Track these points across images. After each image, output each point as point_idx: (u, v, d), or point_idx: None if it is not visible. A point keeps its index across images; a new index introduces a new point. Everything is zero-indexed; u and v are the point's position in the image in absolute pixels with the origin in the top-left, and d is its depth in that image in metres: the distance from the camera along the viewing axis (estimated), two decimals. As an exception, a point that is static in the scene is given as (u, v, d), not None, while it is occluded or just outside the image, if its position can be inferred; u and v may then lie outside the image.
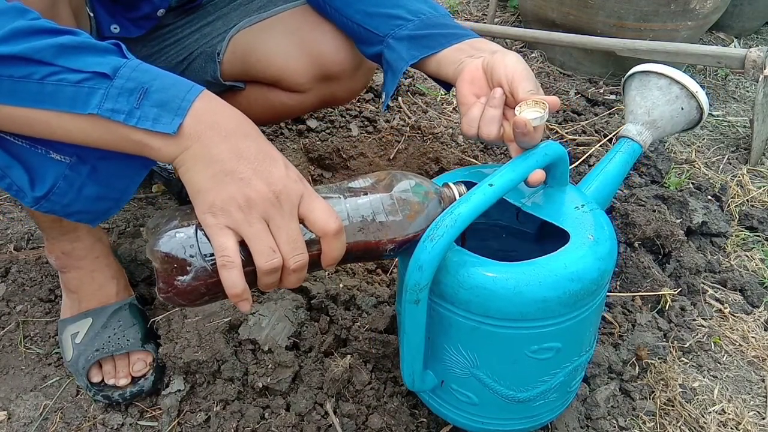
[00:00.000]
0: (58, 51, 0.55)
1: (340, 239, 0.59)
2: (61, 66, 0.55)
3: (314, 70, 1.00)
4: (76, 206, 0.66)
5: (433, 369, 0.74)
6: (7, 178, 0.63)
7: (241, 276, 0.56)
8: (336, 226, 0.58)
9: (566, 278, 0.65)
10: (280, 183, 0.56)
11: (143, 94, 0.55)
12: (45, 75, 0.55)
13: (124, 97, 0.55)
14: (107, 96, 0.55)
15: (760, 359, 1.04)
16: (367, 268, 1.18)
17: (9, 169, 0.63)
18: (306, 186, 0.59)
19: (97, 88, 0.55)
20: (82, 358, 0.91)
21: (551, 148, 0.68)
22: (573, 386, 0.79)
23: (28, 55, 0.54)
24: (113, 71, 0.55)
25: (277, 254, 0.56)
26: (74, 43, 0.55)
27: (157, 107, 0.56)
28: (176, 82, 0.58)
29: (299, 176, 0.59)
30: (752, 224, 1.33)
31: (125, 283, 0.99)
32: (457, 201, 0.64)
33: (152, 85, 0.56)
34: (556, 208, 0.73)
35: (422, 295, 0.64)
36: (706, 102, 0.86)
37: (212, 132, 0.57)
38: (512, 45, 2.16)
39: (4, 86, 0.55)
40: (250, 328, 0.90)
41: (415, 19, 0.83)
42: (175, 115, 0.56)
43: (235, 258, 0.55)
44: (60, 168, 0.63)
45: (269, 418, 0.86)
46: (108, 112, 0.55)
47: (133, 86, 0.55)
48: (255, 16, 1.01)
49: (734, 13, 2.17)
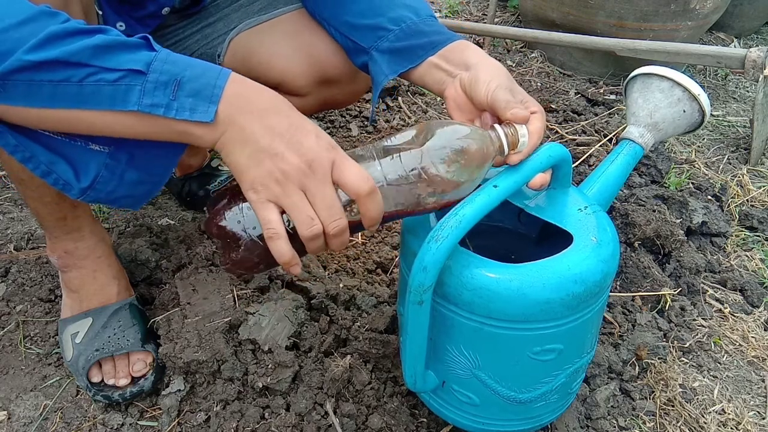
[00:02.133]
0: (93, 52, 0.56)
1: (374, 199, 0.60)
2: (98, 66, 0.56)
3: (315, 73, 1.00)
4: (120, 192, 0.69)
5: (434, 369, 0.74)
6: (53, 174, 0.66)
7: (287, 245, 0.60)
8: (368, 187, 0.59)
9: (570, 280, 0.65)
10: (311, 152, 0.59)
11: (177, 86, 0.58)
12: (83, 77, 0.57)
13: (160, 91, 0.58)
14: (144, 91, 0.57)
15: (760, 359, 1.04)
16: (368, 268, 1.18)
17: (53, 165, 0.65)
18: (338, 152, 0.60)
19: (134, 85, 0.57)
20: (82, 357, 0.91)
21: (555, 150, 0.68)
22: (574, 387, 0.79)
23: (66, 59, 0.56)
24: (146, 66, 0.57)
25: (316, 221, 0.59)
26: (107, 42, 0.57)
27: (192, 97, 0.58)
28: (206, 69, 0.59)
29: (330, 144, 0.61)
30: (752, 224, 1.33)
31: (126, 284, 0.99)
32: (462, 202, 0.64)
33: (184, 75, 0.58)
34: (559, 210, 0.73)
35: (426, 296, 0.64)
36: (708, 105, 0.86)
37: (244, 114, 0.59)
38: (512, 45, 2.16)
39: (45, 91, 0.57)
40: (250, 328, 0.90)
41: (396, 28, 0.82)
42: (210, 102, 0.58)
43: (279, 229, 0.59)
44: (100, 158, 0.66)
45: (269, 418, 0.86)
46: (148, 107, 0.58)
47: (167, 79, 0.58)
48: (255, 18, 1.01)
49: (734, 13, 2.17)
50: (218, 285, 0.96)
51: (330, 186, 0.60)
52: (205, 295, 0.94)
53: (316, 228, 0.60)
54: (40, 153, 0.65)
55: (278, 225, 0.59)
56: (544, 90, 1.91)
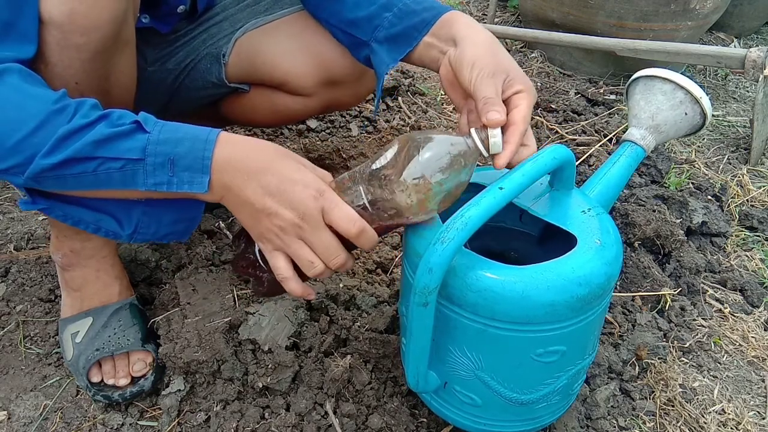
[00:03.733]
0: (95, 146, 0.63)
1: (365, 236, 0.66)
2: (103, 157, 0.64)
3: (319, 74, 1.00)
4: (162, 231, 0.77)
5: (436, 370, 0.74)
6: (102, 229, 0.75)
7: (297, 283, 0.70)
8: (356, 230, 0.65)
9: (574, 282, 0.65)
10: (302, 206, 0.65)
11: (172, 164, 0.65)
12: (95, 167, 0.64)
13: (160, 171, 0.65)
14: (146, 174, 0.65)
15: (760, 359, 1.04)
16: (368, 268, 1.18)
17: (100, 222, 0.75)
18: (326, 197, 0.66)
19: (137, 169, 0.65)
20: (83, 357, 0.91)
21: (559, 152, 0.68)
22: (575, 389, 0.79)
23: (75, 156, 0.63)
24: (142, 153, 0.64)
25: (317, 263, 0.68)
26: (105, 135, 0.63)
27: (187, 171, 0.65)
28: (194, 141, 0.65)
29: (318, 190, 0.66)
30: (752, 224, 1.33)
31: (127, 283, 0.99)
32: (467, 204, 0.64)
33: (176, 153, 0.64)
34: (563, 212, 0.73)
35: (431, 298, 0.64)
36: (710, 108, 0.86)
37: (237, 178, 0.66)
38: (512, 45, 2.16)
39: (70, 181, 0.66)
40: (250, 328, 0.90)
41: (389, 14, 0.83)
42: (203, 173, 0.65)
43: (287, 273, 0.69)
44: (138, 206, 0.73)
45: (269, 418, 0.86)
46: (153, 186, 0.66)
47: (162, 160, 0.64)
48: (261, 18, 1.01)
49: (734, 13, 2.17)
50: (218, 285, 0.96)
51: (323, 231, 0.66)
52: (205, 295, 0.94)
53: (318, 269, 0.68)
54: (86, 215, 0.74)
55: (286, 270, 0.69)
56: (544, 90, 1.91)
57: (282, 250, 0.68)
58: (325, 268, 0.68)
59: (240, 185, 0.66)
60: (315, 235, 0.66)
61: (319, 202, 0.65)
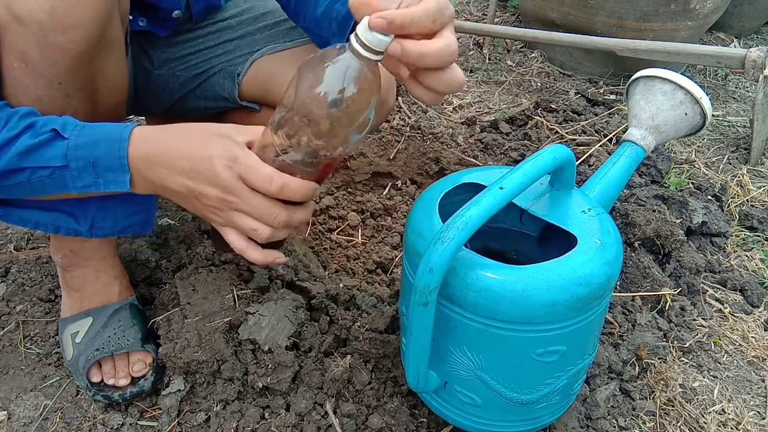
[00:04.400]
0: (20, 158, 0.65)
1: (289, 190, 0.65)
2: (31, 167, 0.66)
3: None
4: (120, 225, 0.79)
5: (436, 370, 0.74)
6: (61, 228, 0.77)
7: (256, 251, 0.69)
8: (275, 189, 0.64)
9: (574, 282, 0.65)
10: (220, 180, 0.64)
11: (94, 167, 0.66)
12: (28, 177, 0.67)
13: (85, 174, 0.67)
14: (74, 178, 0.67)
15: (760, 359, 1.04)
16: (367, 268, 1.18)
17: (57, 221, 0.77)
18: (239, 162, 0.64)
19: (65, 175, 0.67)
20: (82, 357, 0.91)
21: (559, 152, 0.68)
22: (575, 389, 0.79)
23: (6, 169, 0.66)
24: (65, 159, 0.66)
25: (260, 228, 0.66)
26: (27, 146, 0.65)
27: (109, 172, 0.67)
28: (109, 142, 0.66)
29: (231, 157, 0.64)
30: (752, 224, 1.33)
31: (127, 284, 0.99)
32: (468, 204, 0.64)
33: (95, 156, 0.66)
34: (563, 212, 0.73)
35: (431, 298, 0.64)
36: (710, 108, 0.86)
37: (155, 171, 0.67)
38: (512, 45, 2.16)
39: (13, 190, 0.69)
40: (250, 328, 0.90)
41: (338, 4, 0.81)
42: (123, 172, 0.67)
43: (240, 245, 0.69)
44: (93, 202, 0.75)
45: (269, 418, 0.85)
46: (82, 189, 0.68)
47: (84, 164, 0.66)
48: (279, 43, 1.00)
49: (734, 13, 2.17)
50: (218, 285, 0.96)
51: (251, 196, 0.65)
52: (205, 295, 0.94)
53: (264, 233, 0.67)
54: (42, 217, 0.77)
55: (238, 242, 0.69)
56: (544, 90, 1.91)
57: (227, 225, 0.69)
58: (273, 229, 0.67)
59: (161, 177, 0.67)
60: (246, 202, 0.65)
61: (234, 171, 0.64)
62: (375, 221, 1.35)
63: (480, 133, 1.59)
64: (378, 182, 1.48)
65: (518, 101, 1.85)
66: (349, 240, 1.30)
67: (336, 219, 1.36)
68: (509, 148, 1.50)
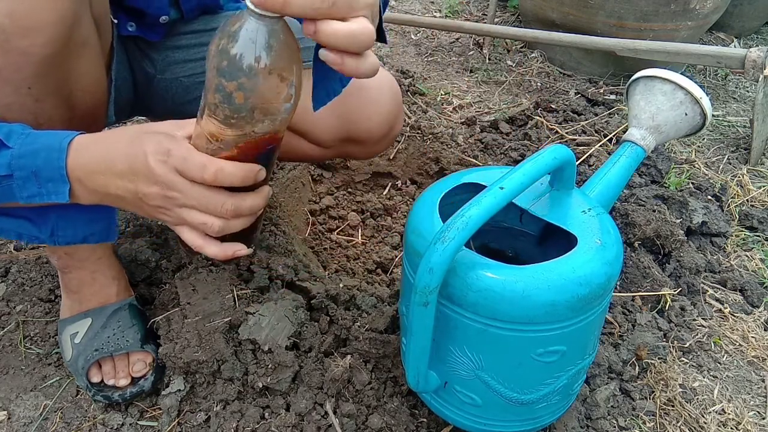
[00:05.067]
0: None
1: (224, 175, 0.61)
2: None
3: (342, 132, 1.00)
4: (82, 232, 0.78)
5: (436, 370, 0.74)
6: (24, 235, 0.77)
7: (213, 246, 0.66)
8: (210, 176, 0.61)
9: (574, 282, 0.65)
10: (157, 176, 0.62)
11: (36, 177, 0.65)
12: None
13: (29, 184, 0.65)
14: (19, 188, 0.66)
15: (760, 359, 1.04)
16: (367, 268, 1.18)
17: (20, 228, 0.76)
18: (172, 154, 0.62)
19: (11, 184, 0.66)
20: (82, 357, 0.91)
21: (559, 152, 0.68)
22: (575, 389, 0.79)
23: None
24: (9, 168, 0.65)
25: (209, 220, 0.63)
26: None
27: (50, 182, 0.65)
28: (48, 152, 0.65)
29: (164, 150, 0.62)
30: (752, 224, 1.33)
31: (125, 284, 0.99)
32: (468, 203, 0.64)
33: (35, 165, 0.64)
34: (563, 212, 0.73)
35: (431, 298, 0.64)
36: (710, 108, 0.86)
37: (97, 181, 0.65)
38: (512, 45, 2.16)
39: None
40: (250, 328, 0.90)
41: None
42: (62, 182, 0.65)
43: (196, 242, 0.66)
44: (53, 209, 0.74)
45: (269, 418, 0.85)
46: (28, 198, 0.66)
47: (27, 174, 0.65)
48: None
49: (734, 13, 2.17)
50: (218, 285, 0.96)
51: (192, 188, 0.62)
52: (205, 295, 0.94)
53: (215, 225, 0.64)
54: (5, 223, 0.76)
55: (194, 240, 0.66)
56: (544, 90, 1.91)
57: (179, 223, 0.66)
58: (224, 220, 0.64)
59: (103, 184, 0.65)
60: (188, 196, 0.62)
61: (169, 164, 0.62)
62: (375, 221, 1.35)
63: (480, 133, 1.59)
64: (378, 182, 1.48)
65: (518, 101, 1.85)
66: (349, 240, 1.30)
67: (336, 219, 1.36)
68: (509, 148, 1.50)
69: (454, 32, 2.23)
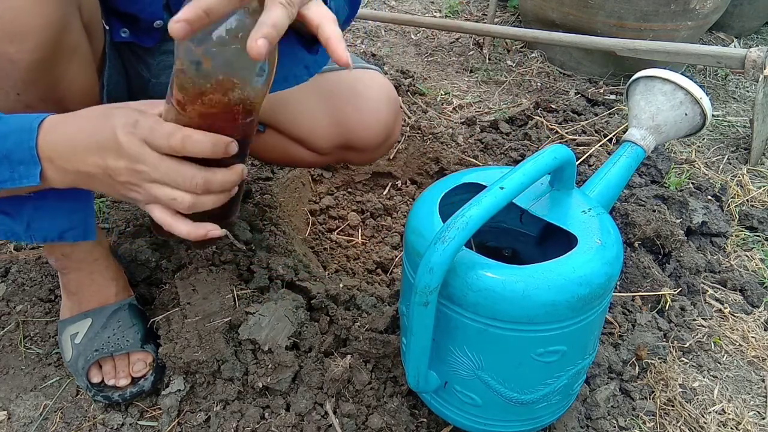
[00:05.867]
0: None
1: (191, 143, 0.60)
2: None
3: (339, 140, 1.00)
4: (60, 225, 0.76)
5: (436, 370, 0.74)
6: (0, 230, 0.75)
7: (184, 226, 0.64)
8: (177, 143, 0.59)
9: (574, 282, 0.65)
10: (125, 148, 0.60)
11: (8, 160, 0.63)
12: None
13: (1, 167, 0.63)
14: None
15: (760, 359, 1.04)
16: (368, 268, 1.18)
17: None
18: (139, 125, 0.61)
19: None
20: (82, 358, 0.91)
21: (559, 152, 0.68)
22: (575, 389, 0.79)
23: None
24: None
25: (179, 196, 0.61)
26: None
27: (22, 165, 0.63)
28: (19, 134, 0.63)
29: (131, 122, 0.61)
30: (752, 224, 1.33)
31: (125, 284, 0.99)
32: (468, 203, 0.64)
33: (7, 148, 0.63)
34: (563, 212, 0.73)
35: (432, 298, 0.64)
36: (710, 108, 0.87)
37: (70, 161, 0.63)
38: (512, 45, 2.16)
39: None
40: (250, 328, 0.90)
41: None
42: (33, 164, 0.63)
43: (166, 220, 0.64)
44: (29, 201, 0.72)
45: (269, 418, 0.85)
46: (2, 184, 0.64)
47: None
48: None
49: (734, 13, 2.17)
50: (218, 285, 0.96)
51: (161, 161, 0.60)
52: (205, 295, 0.94)
53: (186, 201, 0.62)
54: None
55: (164, 218, 0.64)
56: (544, 90, 1.91)
57: (150, 201, 0.64)
58: (194, 195, 0.62)
59: (75, 164, 0.63)
60: (156, 169, 0.60)
61: (136, 135, 0.60)
62: (375, 221, 1.35)
63: (480, 133, 1.59)
64: (378, 182, 1.48)
65: (518, 101, 1.85)
66: (349, 240, 1.30)
67: (336, 219, 1.36)
68: (509, 148, 1.50)
69: (454, 32, 2.23)
